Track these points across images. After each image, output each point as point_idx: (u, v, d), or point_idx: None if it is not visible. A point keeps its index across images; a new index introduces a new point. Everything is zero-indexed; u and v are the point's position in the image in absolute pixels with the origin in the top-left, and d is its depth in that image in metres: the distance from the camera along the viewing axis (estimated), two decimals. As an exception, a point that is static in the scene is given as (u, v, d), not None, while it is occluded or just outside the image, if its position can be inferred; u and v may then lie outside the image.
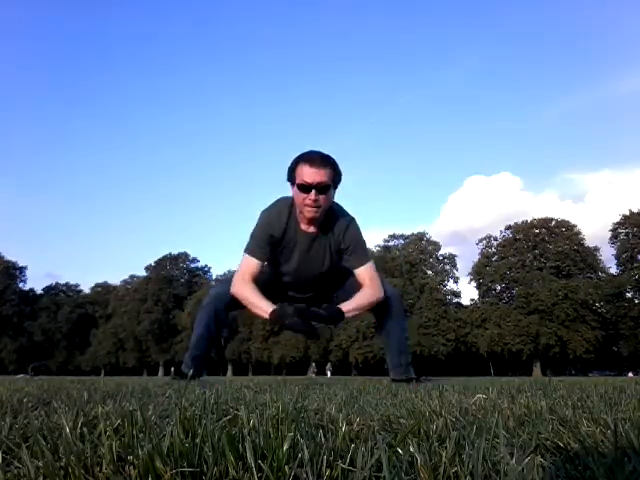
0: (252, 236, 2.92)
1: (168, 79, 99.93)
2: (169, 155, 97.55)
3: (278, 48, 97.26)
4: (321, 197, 2.72)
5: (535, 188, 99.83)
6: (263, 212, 2.94)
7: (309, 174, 2.68)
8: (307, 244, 2.92)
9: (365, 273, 2.93)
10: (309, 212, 2.76)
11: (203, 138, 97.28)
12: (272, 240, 2.89)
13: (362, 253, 2.97)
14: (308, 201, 2.72)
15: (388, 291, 3.05)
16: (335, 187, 2.83)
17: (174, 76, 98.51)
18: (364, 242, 3.01)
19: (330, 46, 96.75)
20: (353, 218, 2.98)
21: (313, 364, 43.76)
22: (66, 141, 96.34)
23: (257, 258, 2.89)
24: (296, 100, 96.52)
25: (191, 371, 3.02)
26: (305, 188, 2.70)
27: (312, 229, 2.90)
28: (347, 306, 2.82)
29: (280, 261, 3.02)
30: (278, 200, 2.96)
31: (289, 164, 2.82)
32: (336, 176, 2.79)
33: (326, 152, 2.83)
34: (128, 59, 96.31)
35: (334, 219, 2.92)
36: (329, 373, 36.76)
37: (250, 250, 2.90)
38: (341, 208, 2.98)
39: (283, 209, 2.89)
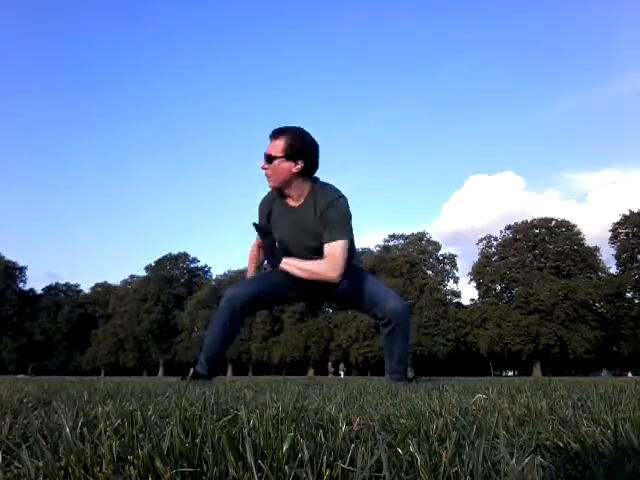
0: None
1: (168, 78, 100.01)
2: (169, 155, 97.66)
3: (273, 47, 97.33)
4: (269, 167, 2.91)
5: (537, 188, 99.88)
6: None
7: (268, 146, 2.93)
8: (290, 217, 3.03)
9: (330, 248, 2.89)
10: (266, 181, 2.99)
11: (203, 138, 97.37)
12: (266, 214, 3.15)
13: (338, 230, 2.90)
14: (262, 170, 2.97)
15: (399, 306, 3.12)
16: (290, 158, 2.89)
17: (174, 74, 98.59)
18: (346, 221, 2.95)
19: (329, 45, 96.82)
20: (342, 196, 2.96)
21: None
22: (66, 141, 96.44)
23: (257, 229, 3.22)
24: (296, 99, 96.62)
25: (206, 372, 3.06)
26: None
27: (294, 203, 3.03)
28: (292, 260, 2.97)
29: (276, 232, 3.13)
30: None
31: None
32: (289, 148, 2.88)
33: (314, 138, 2.98)
34: (128, 59, 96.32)
35: (322, 195, 2.96)
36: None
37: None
38: (332, 187, 3.03)
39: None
